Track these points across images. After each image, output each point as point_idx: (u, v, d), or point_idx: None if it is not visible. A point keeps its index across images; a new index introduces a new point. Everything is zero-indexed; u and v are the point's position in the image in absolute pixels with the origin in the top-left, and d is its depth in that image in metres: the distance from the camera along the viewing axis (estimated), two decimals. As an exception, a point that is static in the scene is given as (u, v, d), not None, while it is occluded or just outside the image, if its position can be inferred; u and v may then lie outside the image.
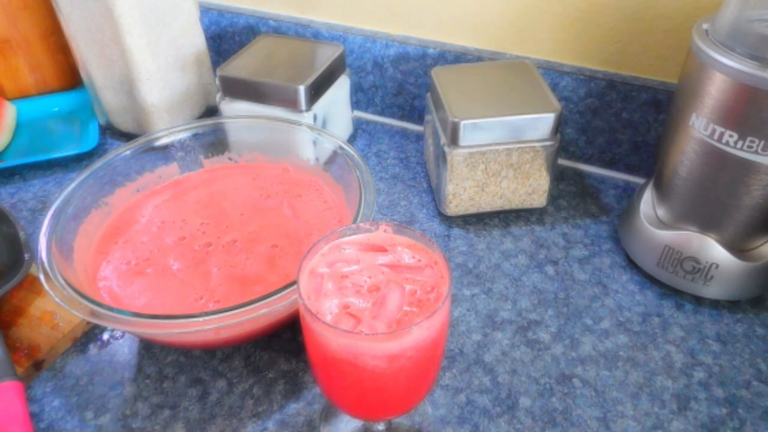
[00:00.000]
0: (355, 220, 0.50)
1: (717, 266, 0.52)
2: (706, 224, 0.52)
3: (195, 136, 0.63)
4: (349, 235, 0.40)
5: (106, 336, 0.54)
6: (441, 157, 0.61)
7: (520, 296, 0.56)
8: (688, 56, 0.50)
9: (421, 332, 0.34)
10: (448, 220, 0.65)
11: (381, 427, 0.46)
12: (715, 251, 0.52)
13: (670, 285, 0.56)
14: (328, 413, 0.47)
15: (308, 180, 0.62)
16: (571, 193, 0.68)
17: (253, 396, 0.49)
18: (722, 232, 0.52)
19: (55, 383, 0.50)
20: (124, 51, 0.67)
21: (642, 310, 0.55)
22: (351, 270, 0.38)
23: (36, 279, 0.48)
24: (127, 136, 0.75)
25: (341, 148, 0.58)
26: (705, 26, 0.48)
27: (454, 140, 0.58)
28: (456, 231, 0.64)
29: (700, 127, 0.48)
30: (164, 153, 0.62)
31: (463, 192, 0.62)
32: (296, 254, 0.54)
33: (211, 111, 0.80)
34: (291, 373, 0.50)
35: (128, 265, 0.53)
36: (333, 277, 0.38)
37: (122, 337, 0.54)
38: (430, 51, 0.73)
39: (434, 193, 0.67)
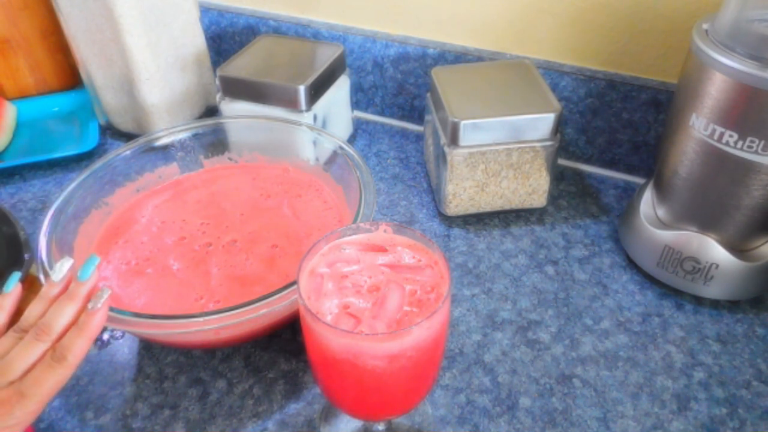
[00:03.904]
0: (355, 220, 0.50)
1: (717, 266, 0.52)
2: (706, 224, 0.52)
3: (195, 136, 0.63)
4: (349, 235, 0.40)
5: (106, 336, 0.54)
6: (441, 157, 0.61)
7: (520, 296, 0.56)
8: (688, 56, 0.50)
9: (421, 332, 0.34)
10: (448, 220, 0.65)
11: (381, 427, 0.46)
12: (715, 251, 0.52)
13: (670, 285, 0.56)
14: (328, 413, 0.47)
15: (308, 180, 0.62)
16: (571, 193, 0.68)
17: (253, 396, 0.49)
18: (722, 232, 0.52)
19: (55, 383, 0.50)
20: (124, 51, 0.67)
21: (642, 310, 0.55)
22: (351, 270, 0.38)
23: (36, 279, 0.48)
24: (127, 136, 0.75)
25: (341, 148, 0.58)
26: (705, 26, 0.48)
27: (454, 140, 0.58)
28: (456, 231, 0.64)
29: (700, 127, 0.48)
30: (164, 153, 0.62)
31: (463, 192, 0.62)
32: (296, 254, 0.54)
33: (211, 111, 0.80)
34: (291, 373, 0.50)
35: (128, 265, 0.53)
36: (333, 277, 0.38)
37: (122, 337, 0.54)
38: (430, 51, 0.73)
39: (434, 193, 0.67)
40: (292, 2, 0.79)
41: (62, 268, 0.41)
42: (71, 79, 0.84)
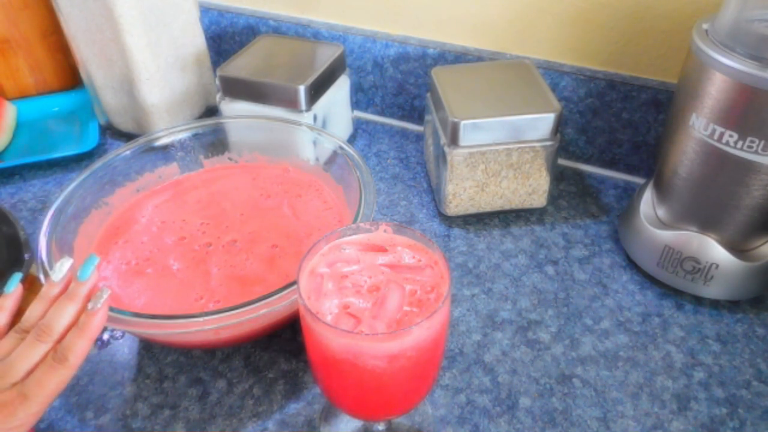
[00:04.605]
0: (355, 220, 0.50)
1: (717, 266, 0.52)
2: (706, 224, 0.52)
3: (195, 136, 0.63)
4: (349, 235, 0.40)
5: (106, 336, 0.54)
6: (441, 157, 0.61)
7: (520, 296, 0.56)
8: (688, 56, 0.50)
9: (421, 332, 0.34)
10: (448, 220, 0.65)
11: (381, 427, 0.46)
12: (715, 251, 0.52)
13: (670, 285, 0.56)
14: (328, 413, 0.47)
15: (308, 180, 0.62)
16: (571, 193, 0.68)
17: (253, 396, 0.49)
18: (722, 232, 0.52)
19: (55, 383, 0.50)
20: (124, 51, 0.67)
21: (642, 310, 0.55)
22: (351, 270, 0.38)
23: (36, 279, 0.48)
24: (127, 136, 0.75)
25: (341, 148, 0.58)
26: (705, 26, 0.48)
27: (454, 140, 0.58)
28: (456, 231, 0.64)
29: (700, 127, 0.48)
30: (164, 153, 0.62)
31: (463, 192, 0.62)
32: (296, 254, 0.54)
33: (211, 111, 0.80)
34: (291, 373, 0.50)
35: (128, 265, 0.53)
36: (333, 277, 0.38)
37: (122, 337, 0.54)
38: (430, 51, 0.73)
39: (434, 193, 0.67)
40: (292, 2, 0.79)
41: (62, 268, 0.41)
42: (71, 79, 0.84)
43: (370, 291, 0.37)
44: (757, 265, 0.52)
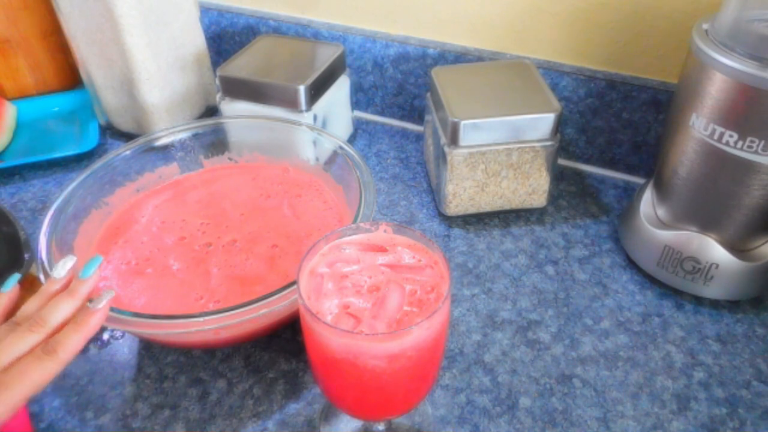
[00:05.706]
0: (355, 220, 0.50)
1: (717, 266, 0.52)
2: (706, 224, 0.52)
3: (195, 136, 0.63)
4: (349, 235, 0.40)
5: (106, 336, 0.54)
6: (441, 157, 0.61)
7: (520, 296, 0.56)
8: (688, 56, 0.50)
9: (421, 332, 0.34)
10: (448, 220, 0.65)
11: (381, 427, 0.46)
12: (715, 251, 0.52)
13: (670, 285, 0.56)
14: (328, 413, 0.47)
15: (308, 180, 0.62)
16: (571, 193, 0.68)
17: (253, 396, 0.49)
18: (722, 232, 0.52)
19: (55, 383, 0.50)
20: (124, 51, 0.67)
21: (642, 310, 0.55)
22: (351, 270, 0.38)
23: (36, 279, 0.48)
24: (127, 136, 0.75)
25: (341, 148, 0.58)
26: (705, 26, 0.48)
27: (454, 140, 0.58)
28: (456, 231, 0.64)
29: (700, 127, 0.48)
30: (164, 153, 0.62)
31: (463, 192, 0.62)
32: (296, 254, 0.54)
33: (211, 111, 0.80)
34: (291, 373, 0.50)
35: (128, 265, 0.53)
36: (333, 277, 0.38)
37: (122, 337, 0.54)
38: (430, 51, 0.73)
39: (434, 193, 0.67)
40: (292, 2, 0.79)
41: (64, 266, 0.41)
42: (71, 79, 0.84)
43: (370, 291, 0.37)
44: (757, 265, 0.52)
